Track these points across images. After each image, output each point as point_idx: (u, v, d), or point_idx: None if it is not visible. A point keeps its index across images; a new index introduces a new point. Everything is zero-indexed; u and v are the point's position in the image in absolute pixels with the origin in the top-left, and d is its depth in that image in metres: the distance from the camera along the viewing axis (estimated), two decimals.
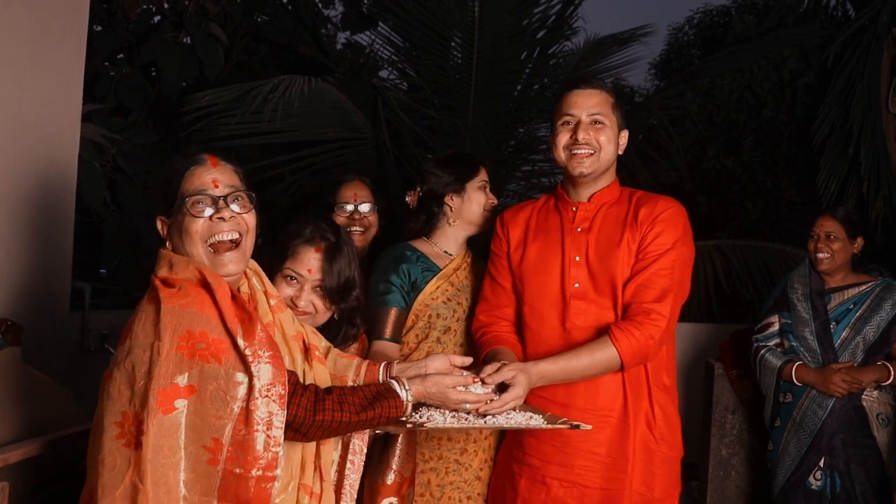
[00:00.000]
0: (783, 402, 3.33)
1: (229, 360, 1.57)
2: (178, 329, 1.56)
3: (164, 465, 1.51)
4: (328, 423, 1.67)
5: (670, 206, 2.29)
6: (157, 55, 5.32)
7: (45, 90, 3.25)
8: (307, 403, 1.65)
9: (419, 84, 5.45)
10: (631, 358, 2.17)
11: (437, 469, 2.51)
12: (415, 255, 2.59)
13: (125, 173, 4.82)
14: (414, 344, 2.54)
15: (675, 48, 9.45)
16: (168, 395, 1.52)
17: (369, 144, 4.88)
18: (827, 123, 5.49)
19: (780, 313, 3.41)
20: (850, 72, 5.36)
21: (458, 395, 1.87)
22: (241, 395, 1.56)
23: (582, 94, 2.30)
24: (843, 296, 3.31)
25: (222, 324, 1.60)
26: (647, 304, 2.18)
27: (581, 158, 2.27)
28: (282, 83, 4.26)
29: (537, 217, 2.44)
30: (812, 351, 3.28)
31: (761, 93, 6.75)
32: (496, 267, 2.47)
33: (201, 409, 1.54)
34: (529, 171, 5.76)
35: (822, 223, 3.34)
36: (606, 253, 2.26)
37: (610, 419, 2.24)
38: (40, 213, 3.20)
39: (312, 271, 2.11)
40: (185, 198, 1.71)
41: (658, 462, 2.26)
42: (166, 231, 1.76)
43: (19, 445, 1.96)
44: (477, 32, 5.01)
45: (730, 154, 7.02)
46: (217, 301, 1.62)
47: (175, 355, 1.55)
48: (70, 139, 3.42)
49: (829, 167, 5.47)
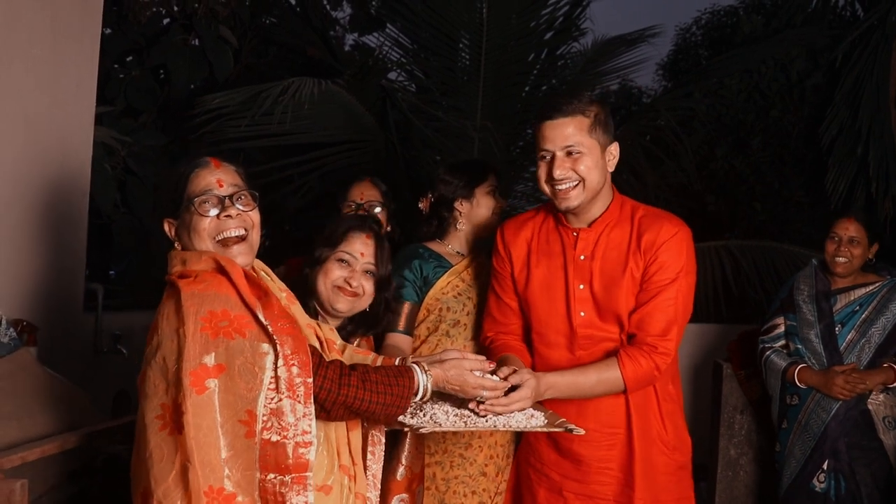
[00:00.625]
0: (790, 405, 3.30)
1: (253, 333, 1.61)
2: (200, 311, 1.60)
3: (206, 444, 1.54)
4: (352, 398, 1.70)
5: (674, 233, 2.22)
6: (166, 57, 5.37)
7: (58, 92, 3.28)
8: (333, 375, 1.69)
9: (427, 86, 5.46)
10: (634, 383, 2.18)
11: (442, 463, 2.56)
12: (427, 252, 2.66)
13: (135, 175, 4.85)
14: (424, 336, 2.61)
15: (682, 49, 9.40)
16: (199, 374, 1.55)
17: (378, 146, 4.89)
18: (835, 124, 5.50)
19: (785, 315, 3.37)
20: (858, 72, 5.36)
21: (476, 379, 1.89)
22: (269, 365, 1.61)
23: (552, 126, 2.15)
24: (848, 297, 3.26)
25: (241, 301, 1.65)
26: (653, 338, 2.18)
27: (566, 193, 2.17)
28: (291, 85, 4.28)
29: (538, 238, 2.38)
30: (817, 353, 3.25)
31: (769, 93, 6.75)
32: (501, 286, 2.44)
33: (231, 386, 1.57)
34: None
35: (846, 226, 3.25)
36: (611, 283, 2.24)
37: (619, 436, 2.27)
38: (54, 214, 3.24)
39: (365, 255, 2.21)
40: (192, 198, 1.76)
41: (672, 471, 2.29)
42: (174, 233, 1.81)
43: (38, 444, 1.98)
44: (485, 34, 5.01)
45: (738, 154, 7.02)
46: (234, 281, 1.66)
47: (200, 336, 1.58)
48: (83, 141, 3.45)
49: (838, 168, 5.48)
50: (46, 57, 3.20)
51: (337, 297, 2.20)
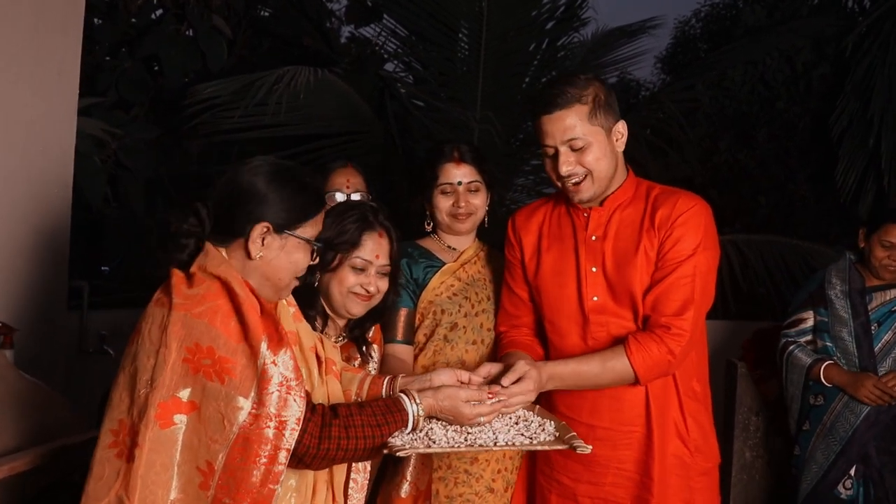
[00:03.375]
0: (814, 405, 3.12)
1: (232, 382, 1.47)
2: (187, 340, 1.47)
3: (155, 483, 1.42)
4: (333, 451, 1.56)
5: (690, 206, 2.08)
6: (159, 48, 5.22)
7: (39, 81, 3.13)
8: (313, 430, 1.53)
9: (425, 77, 5.33)
10: (646, 373, 2.01)
11: (445, 479, 2.36)
12: (417, 251, 2.49)
13: (127, 169, 4.72)
14: (422, 343, 2.42)
15: (681, 42, 9.38)
16: (168, 408, 1.44)
17: (376, 138, 4.76)
18: (846, 115, 5.38)
19: (815, 309, 3.18)
20: (870, 62, 5.23)
21: (471, 409, 1.74)
22: (240, 421, 1.46)
23: (550, 121, 2.03)
24: (885, 296, 3.09)
25: (236, 339, 1.50)
26: (667, 318, 2.02)
27: (577, 188, 2.06)
28: (286, 74, 4.13)
29: (550, 222, 2.25)
30: (848, 353, 3.06)
31: (774, 85, 6.65)
32: (512, 276, 2.32)
33: (199, 429, 1.45)
34: (539, 164, 5.63)
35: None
36: (624, 262, 2.09)
37: (635, 434, 2.10)
38: (34, 208, 3.09)
39: (381, 257, 2.11)
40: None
41: (696, 476, 2.13)
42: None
43: (7, 460, 1.85)
44: (485, 23, 4.89)
45: (742, 147, 6.92)
46: (244, 317, 1.51)
47: (181, 367, 1.46)
48: (66, 130, 3.30)
49: (848, 160, 5.35)
50: (26, 43, 3.05)
51: (353, 303, 2.10)
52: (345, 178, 2.71)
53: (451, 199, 2.46)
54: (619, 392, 2.09)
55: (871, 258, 3.10)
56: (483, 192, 2.50)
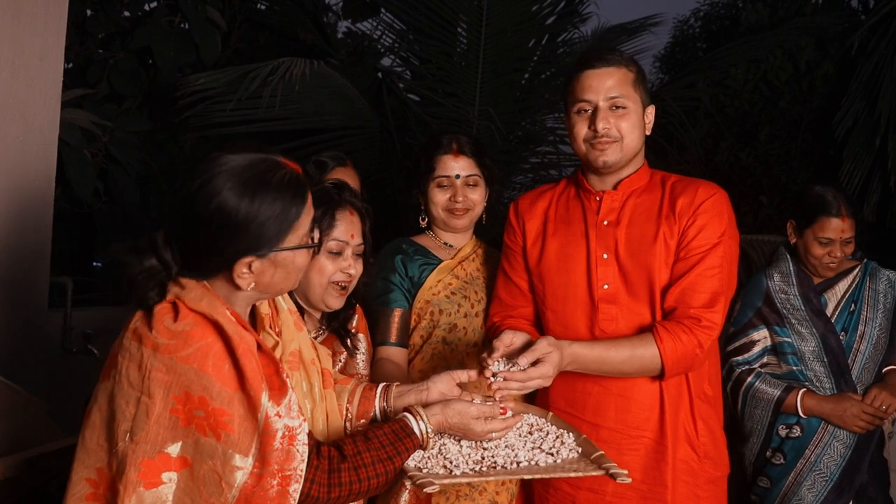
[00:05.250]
0: (788, 438, 2.72)
1: (230, 439, 1.29)
2: (174, 388, 1.29)
3: None
4: (345, 498, 1.42)
5: (712, 193, 2.01)
6: (152, 40, 5.12)
7: (18, 66, 3.00)
8: (321, 478, 1.39)
9: (423, 72, 5.24)
10: (674, 364, 1.90)
11: (447, 492, 2.23)
12: (412, 248, 2.38)
13: (118, 163, 4.62)
14: (419, 345, 2.31)
15: (679, 41, 9.33)
16: (155, 466, 1.26)
17: (373, 133, 4.66)
18: (851, 114, 5.28)
19: (769, 328, 2.78)
20: (876, 60, 5.14)
21: (482, 426, 1.63)
22: (239, 482, 1.29)
23: (597, 75, 1.99)
24: (835, 293, 2.77)
25: (232, 386, 1.31)
26: (696, 310, 1.91)
27: (603, 146, 2.00)
28: (282, 65, 4.02)
29: (557, 206, 2.16)
30: (819, 375, 2.70)
31: (777, 83, 6.56)
32: (510, 263, 2.21)
33: (192, 489, 1.28)
34: (538, 162, 5.55)
35: (841, 227, 2.67)
36: (640, 249, 1.99)
37: (644, 439, 1.99)
38: (13, 199, 2.96)
39: (355, 236, 2.00)
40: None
41: (703, 484, 2.02)
42: None
43: None
44: (485, 18, 4.80)
45: (744, 146, 6.84)
46: (239, 363, 1.33)
47: (168, 419, 1.28)
48: (49, 119, 3.16)
49: (853, 160, 5.25)
50: (6, 25, 2.92)
51: (331, 296, 1.98)
52: (346, 179, 2.60)
53: (448, 193, 2.36)
54: (628, 391, 1.99)
55: (808, 257, 2.76)
56: (482, 186, 2.40)
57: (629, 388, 2.00)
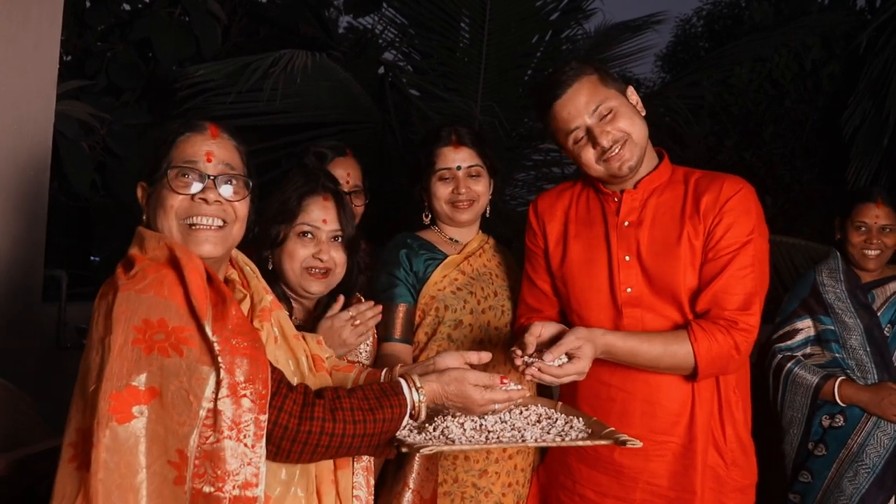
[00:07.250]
0: (831, 427, 2.73)
1: (192, 352, 1.31)
2: (133, 319, 1.30)
3: (121, 487, 1.23)
4: (316, 436, 1.37)
5: (738, 189, 1.91)
6: (151, 32, 5.07)
7: (14, 52, 2.95)
8: (292, 408, 1.36)
9: (424, 67, 5.19)
10: (708, 364, 1.83)
11: (451, 494, 2.18)
12: (416, 242, 2.32)
13: (116, 156, 4.57)
14: (423, 342, 2.25)
15: (682, 40, 9.29)
16: (124, 399, 1.25)
17: (375, 127, 4.61)
18: (858, 113, 5.22)
19: (813, 317, 2.83)
20: (885, 59, 5.08)
21: (482, 394, 1.53)
22: (208, 394, 1.30)
23: (567, 101, 1.91)
24: (885, 292, 2.79)
25: (187, 307, 1.33)
26: (731, 313, 1.83)
27: (619, 155, 1.91)
28: (282, 58, 3.95)
29: (577, 207, 2.08)
30: (863, 365, 2.71)
31: (783, 82, 6.51)
32: (533, 267, 2.15)
33: (164, 416, 1.28)
34: (541, 159, 5.50)
35: (875, 212, 2.76)
36: (664, 251, 1.91)
37: (671, 444, 1.92)
38: (6, 190, 2.90)
39: (328, 221, 1.96)
40: (169, 166, 1.47)
41: (730, 492, 1.95)
42: (145, 200, 1.52)
43: None
44: (488, 13, 4.75)
45: (748, 146, 6.79)
46: (185, 279, 1.35)
47: (131, 351, 1.28)
48: (44, 108, 3.10)
49: (860, 160, 5.20)
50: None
51: (308, 281, 1.93)
52: (345, 171, 2.54)
53: (450, 185, 2.30)
54: (654, 396, 1.92)
55: (849, 248, 2.82)
56: (485, 177, 2.34)
57: (655, 392, 1.93)
